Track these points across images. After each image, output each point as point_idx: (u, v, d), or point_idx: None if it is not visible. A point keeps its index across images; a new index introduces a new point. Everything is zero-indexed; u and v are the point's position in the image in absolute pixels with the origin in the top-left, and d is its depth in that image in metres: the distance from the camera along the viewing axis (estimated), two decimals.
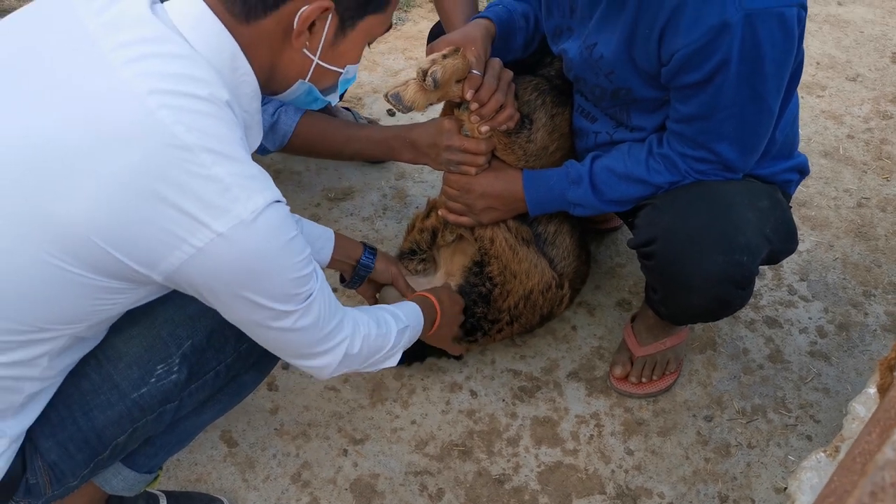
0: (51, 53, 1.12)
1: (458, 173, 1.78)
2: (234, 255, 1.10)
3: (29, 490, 1.30)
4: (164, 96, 1.06)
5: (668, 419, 1.92)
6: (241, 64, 1.18)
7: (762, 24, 1.41)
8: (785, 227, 1.67)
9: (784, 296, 2.22)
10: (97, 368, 1.30)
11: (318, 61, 1.24)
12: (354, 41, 1.26)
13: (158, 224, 1.06)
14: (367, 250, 1.78)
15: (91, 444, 1.31)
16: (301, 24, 1.17)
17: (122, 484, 1.51)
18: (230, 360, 1.40)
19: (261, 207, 1.09)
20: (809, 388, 1.99)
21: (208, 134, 1.07)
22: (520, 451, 1.85)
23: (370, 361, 1.44)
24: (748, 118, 1.52)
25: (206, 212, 1.06)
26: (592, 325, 2.13)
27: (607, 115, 1.73)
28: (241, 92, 1.20)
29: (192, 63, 1.11)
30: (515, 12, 1.85)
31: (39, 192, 1.05)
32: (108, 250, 1.07)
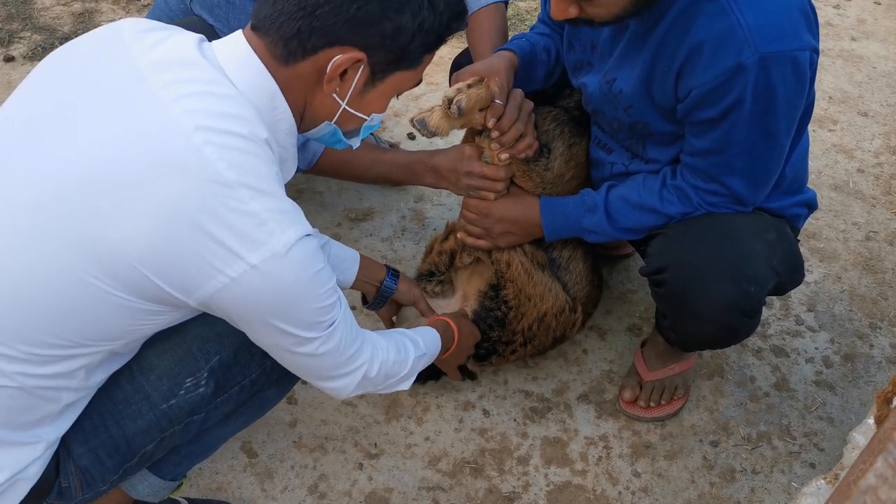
0: (103, 87, 1.20)
1: (477, 198, 1.85)
2: (266, 286, 1.18)
3: (61, 493, 1.36)
4: (208, 133, 1.14)
5: (675, 443, 1.97)
6: (280, 103, 1.27)
7: (776, 66, 1.47)
8: (792, 259, 1.73)
9: (791, 325, 2.26)
10: (130, 380, 1.37)
11: (345, 107, 1.31)
12: (382, 92, 1.33)
13: (197, 254, 1.14)
14: (391, 272, 1.84)
15: (121, 452, 1.38)
16: (333, 71, 1.24)
17: (148, 490, 1.57)
18: (255, 376, 1.46)
19: (293, 241, 1.17)
20: (814, 417, 2.04)
21: (247, 170, 1.15)
22: (530, 469, 1.90)
23: (386, 384, 1.51)
24: (759, 154, 1.59)
25: (241, 244, 1.14)
26: (603, 349, 2.19)
27: (623, 146, 1.80)
28: (278, 129, 1.28)
29: (235, 102, 1.19)
30: (538, 46, 1.92)
31: (89, 218, 1.13)
32: (149, 276, 1.15)
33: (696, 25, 1.49)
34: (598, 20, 1.51)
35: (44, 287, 1.15)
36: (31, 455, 1.28)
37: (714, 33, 1.47)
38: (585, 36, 1.76)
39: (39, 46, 3.10)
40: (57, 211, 1.14)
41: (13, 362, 1.18)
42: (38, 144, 1.18)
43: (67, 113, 1.19)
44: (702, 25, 1.48)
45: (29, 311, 1.16)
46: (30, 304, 1.16)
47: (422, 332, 1.65)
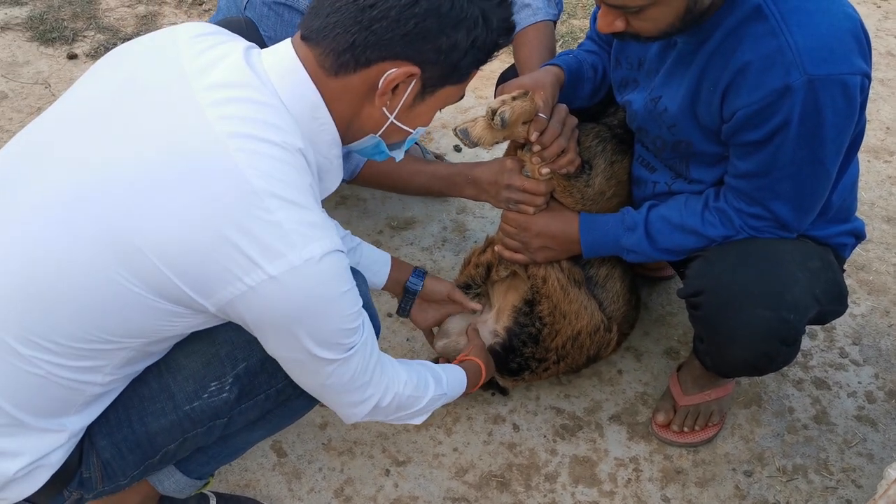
0: (147, 88, 1.23)
1: (516, 212, 1.85)
2: (283, 298, 1.17)
3: (82, 483, 1.38)
4: (241, 140, 1.15)
5: (708, 470, 1.93)
6: (322, 114, 1.27)
7: (824, 90, 1.44)
8: (835, 288, 1.69)
9: (835, 358, 2.21)
10: (157, 377, 1.39)
11: (392, 120, 1.32)
12: (430, 106, 1.34)
13: (217, 260, 1.14)
14: (416, 270, 1.86)
15: (143, 448, 1.39)
16: (386, 85, 1.25)
17: (174, 486, 1.59)
18: (281, 386, 1.46)
19: (316, 255, 1.17)
20: (853, 453, 1.98)
21: (277, 179, 1.16)
22: (557, 487, 1.88)
23: (397, 416, 1.52)
24: (805, 179, 1.56)
25: (262, 254, 1.14)
26: (639, 370, 2.16)
27: (667, 166, 1.78)
28: (319, 139, 1.29)
29: (273, 111, 1.20)
30: (585, 62, 1.92)
31: (119, 216, 1.15)
32: (171, 277, 1.16)
33: (743, 45, 1.47)
34: (645, 35, 1.50)
35: (73, 281, 1.18)
36: (54, 442, 1.30)
37: (762, 54, 1.45)
38: (633, 53, 1.76)
39: (102, 46, 3.19)
40: (90, 208, 1.16)
41: (41, 351, 1.21)
42: (80, 140, 1.22)
43: (110, 111, 1.23)
44: (749, 45, 1.47)
45: (58, 303, 1.19)
46: (59, 296, 1.18)
47: (448, 371, 1.65)
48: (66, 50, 3.19)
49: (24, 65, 3.11)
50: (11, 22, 3.31)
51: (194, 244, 1.14)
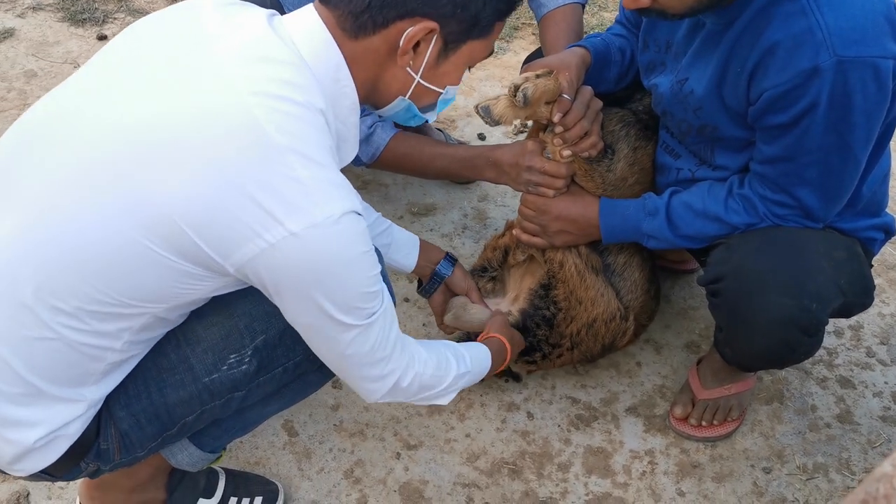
0: (172, 51, 1.22)
1: (535, 194, 1.82)
2: (304, 256, 1.15)
3: (99, 454, 1.37)
4: (262, 98, 1.13)
5: (725, 466, 1.89)
6: (344, 76, 1.26)
7: (855, 72, 1.40)
8: (861, 280, 1.64)
9: (861, 357, 2.16)
10: (176, 349, 1.38)
11: (419, 80, 1.30)
12: (456, 63, 1.31)
13: (238, 216, 1.13)
14: (448, 256, 1.83)
15: (161, 420, 1.38)
16: (406, 44, 1.23)
17: (187, 460, 1.58)
18: (299, 359, 1.45)
19: (337, 214, 1.14)
20: (877, 453, 1.93)
21: (298, 137, 1.14)
22: (569, 477, 1.85)
23: (420, 396, 1.48)
24: (833, 166, 1.51)
25: (283, 210, 1.12)
26: (658, 363, 2.12)
27: (691, 151, 1.74)
28: (339, 103, 1.27)
29: (294, 69, 1.19)
30: (612, 45, 1.88)
31: (139, 174, 1.14)
32: (190, 235, 1.14)
33: (772, 25, 1.43)
34: (671, 11, 1.46)
35: (92, 241, 1.17)
36: (72, 412, 1.29)
37: (790, 34, 1.41)
38: (661, 35, 1.72)
39: None
40: (112, 169, 1.15)
41: (59, 314, 1.20)
42: (105, 104, 1.21)
43: (135, 74, 1.22)
44: (778, 25, 1.43)
45: (78, 265, 1.18)
46: (79, 258, 1.17)
47: (471, 348, 1.61)
48: (96, 31, 3.21)
49: (55, 44, 3.14)
50: (44, 2, 3.34)
51: (214, 200, 1.12)
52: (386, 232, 1.78)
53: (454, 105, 2.90)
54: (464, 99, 2.95)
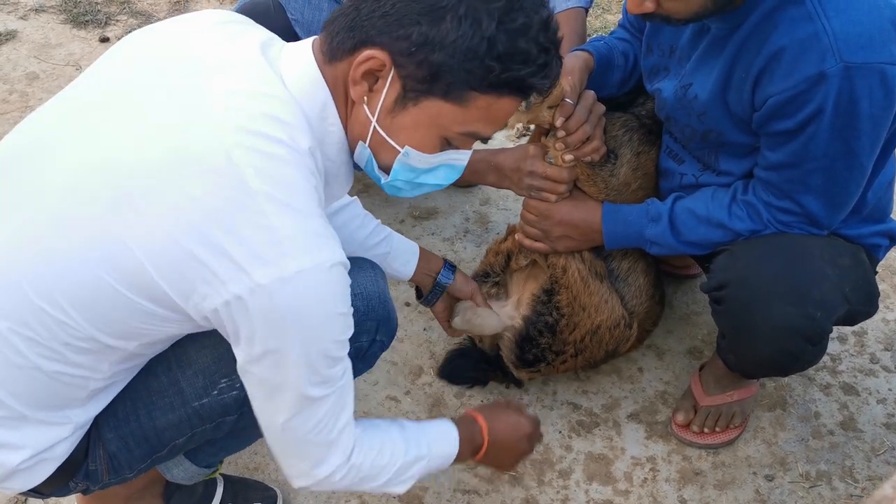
0: (162, 77, 1.17)
1: (538, 199, 1.81)
2: (268, 310, 1.08)
3: (87, 475, 1.35)
4: (245, 135, 1.08)
5: (727, 473, 1.87)
6: (331, 114, 1.19)
7: (861, 78, 1.39)
8: (866, 288, 1.63)
9: (865, 363, 2.14)
10: (167, 371, 1.34)
11: (374, 123, 1.19)
12: (416, 119, 1.17)
13: (203, 263, 1.07)
14: (447, 264, 1.81)
15: (150, 442, 1.35)
16: (355, 70, 1.14)
17: (183, 475, 1.55)
18: None
19: (308, 267, 1.07)
20: (880, 461, 1.91)
21: (277, 181, 1.08)
22: (570, 484, 1.84)
23: (360, 488, 1.35)
24: (838, 173, 1.50)
25: (250, 260, 1.06)
26: (660, 368, 2.11)
27: (695, 157, 1.73)
28: (327, 142, 1.21)
29: (283, 105, 1.13)
30: (616, 49, 1.87)
31: (110, 212, 1.09)
32: (155, 278, 1.09)
33: (778, 30, 1.42)
34: (676, 16, 1.45)
35: (62, 275, 1.12)
36: (58, 435, 1.26)
37: (796, 39, 1.40)
38: (665, 40, 1.71)
39: (134, 30, 3.19)
40: (86, 208, 1.11)
41: (35, 345, 1.16)
42: (87, 130, 1.17)
43: (121, 99, 1.17)
44: (784, 30, 1.41)
45: (49, 300, 1.13)
46: (50, 294, 1.13)
47: (428, 429, 1.44)
48: (98, 33, 3.20)
49: (57, 47, 3.13)
50: (46, 4, 3.33)
51: (181, 245, 1.07)
52: (385, 240, 1.74)
53: None
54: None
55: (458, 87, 1.13)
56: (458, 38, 1.10)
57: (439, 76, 1.12)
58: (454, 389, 2.02)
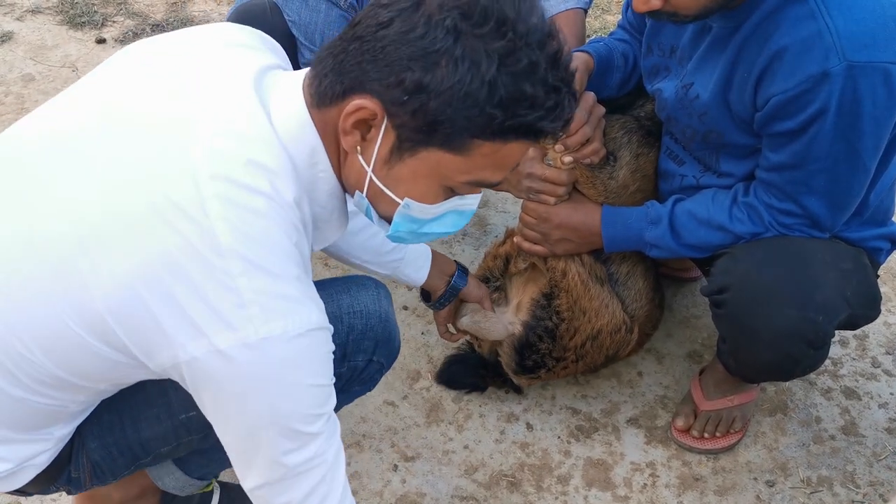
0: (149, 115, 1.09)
1: (536, 202, 1.79)
2: (228, 376, 1.02)
3: (70, 481, 1.32)
4: (223, 184, 1.00)
5: (728, 478, 1.85)
6: (321, 160, 1.11)
7: (865, 78, 1.37)
8: (868, 291, 1.61)
9: (867, 367, 2.12)
10: (156, 382, 1.27)
11: (371, 174, 1.10)
12: (415, 171, 1.08)
13: (163, 320, 1.00)
14: (460, 268, 1.78)
15: (134, 451, 1.33)
16: (344, 120, 1.05)
17: (174, 484, 1.52)
18: None
19: (276, 334, 1.00)
20: (882, 466, 1.89)
21: (251, 238, 1.00)
22: (569, 489, 1.82)
23: None
24: (841, 174, 1.48)
25: (211, 323, 0.99)
26: (660, 373, 2.09)
27: (695, 158, 1.71)
28: (317, 188, 1.13)
29: (267, 150, 1.05)
30: (615, 51, 1.86)
31: (78, 254, 1.03)
32: (116, 330, 1.03)
33: (780, 29, 1.40)
34: (683, 12, 1.42)
35: (28, 317, 1.07)
36: (40, 448, 1.23)
37: (799, 38, 1.38)
38: (665, 39, 1.69)
39: (130, 31, 3.18)
40: (56, 251, 1.05)
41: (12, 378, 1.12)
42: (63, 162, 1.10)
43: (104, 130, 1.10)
44: (787, 29, 1.40)
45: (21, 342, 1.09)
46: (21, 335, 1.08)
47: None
48: (94, 35, 3.18)
49: (53, 48, 3.11)
50: (42, 5, 3.31)
51: (141, 299, 1.00)
52: (398, 247, 1.66)
53: None
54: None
55: (458, 136, 1.03)
56: (455, 84, 0.99)
57: (437, 126, 1.02)
58: (452, 394, 2.00)
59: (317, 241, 1.22)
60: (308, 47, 1.87)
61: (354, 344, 1.40)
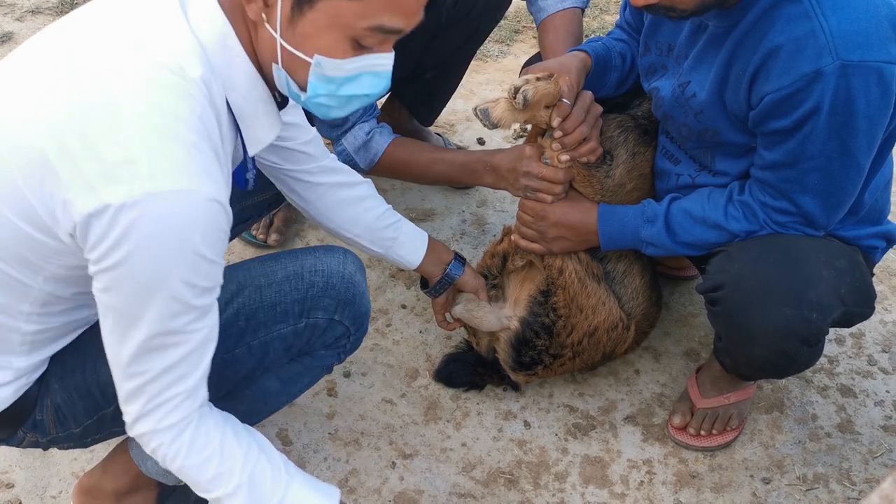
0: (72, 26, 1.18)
1: (534, 200, 1.80)
2: (113, 232, 1.04)
3: (35, 425, 1.35)
4: (129, 52, 1.08)
5: (724, 476, 1.86)
6: (232, 43, 1.16)
7: (858, 76, 1.38)
8: (862, 289, 1.62)
9: (863, 365, 2.13)
10: None
11: (279, 39, 1.14)
12: (316, 24, 1.12)
13: (60, 175, 1.05)
14: (457, 257, 1.81)
15: (94, 397, 1.35)
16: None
17: (155, 469, 1.53)
18: (238, 352, 1.41)
19: (163, 190, 1.03)
20: (878, 464, 1.90)
21: (147, 101, 1.06)
22: (566, 487, 1.83)
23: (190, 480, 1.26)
24: (834, 172, 1.49)
25: (100, 177, 1.03)
26: (657, 371, 2.10)
27: (691, 157, 1.72)
28: (234, 73, 1.18)
29: (175, 34, 1.12)
30: (613, 50, 1.86)
31: None
32: (23, 188, 1.08)
33: (775, 28, 1.41)
34: (681, 7, 1.43)
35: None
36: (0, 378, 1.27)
37: (793, 36, 1.39)
38: (663, 38, 1.70)
39: None
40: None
41: None
42: None
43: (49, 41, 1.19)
44: (781, 28, 1.41)
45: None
46: None
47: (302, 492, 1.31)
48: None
49: None
50: (42, 6, 3.32)
51: (43, 153, 1.05)
52: (393, 226, 1.72)
53: (453, 110, 2.87)
54: (463, 103, 2.93)
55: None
56: None
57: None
58: (450, 392, 2.01)
59: (250, 143, 1.26)
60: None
61: (313, 300, 1.43)
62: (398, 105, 2.48)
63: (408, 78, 2.39)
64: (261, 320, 1.41)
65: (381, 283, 2.26)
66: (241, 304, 1.41)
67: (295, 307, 1.41)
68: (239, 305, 1.41)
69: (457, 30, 2.28)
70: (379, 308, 2.20)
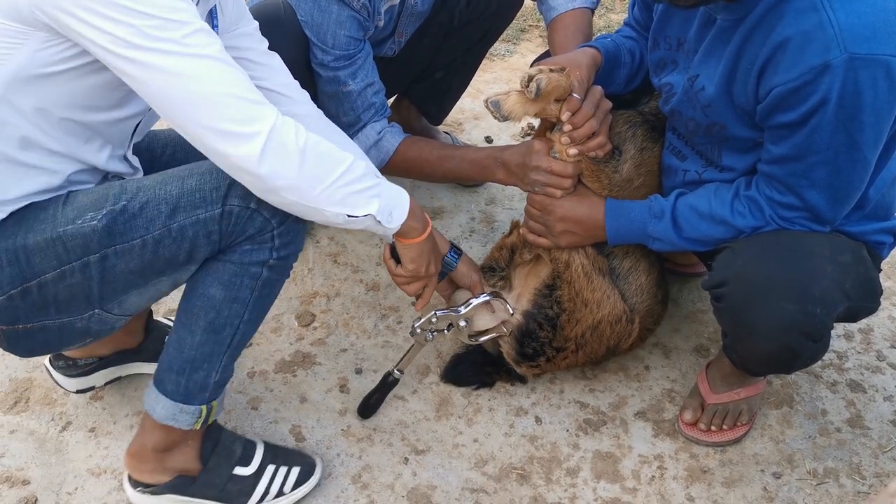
0: None
1: (542, 194, 1.81)
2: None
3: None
4: None
5: (735, 471, 1.87)
6: None
7: (866, 70, 1.38)
8: (867, 284, 1.62)
9: (872, 361, 2.14)
10: (56, 202, 1.42)
11: None
12: None
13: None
14: (454, 249, 1.81)
15: (20, 264, 1.40)
16: None
17: (164, 412, 1.58)
18: (157, 234, 1.42)
19: None
20: (888, 458, 1.91)
21: None
22: (578, 482, 1.84)
23: (316, 173, 1.36)
24: (841, 166, 1.50)
25: None
26: (667, 367, 2.11)
27: (698, 152, 1.73)
28: None
29: None
30: (623, 47, 1.88)
31: None
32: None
33: (783, 21, 1.42)
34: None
35: None
36: None
37: (801, 29, 1.40)
38: (672, 33, 1.71)
39: None
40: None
41: None
42: None
43: None
44: (789, 21, 1.41)
45: None
46: None
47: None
48: None
49: None
50: None
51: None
52: None
53: (461, 108, 2.89)
54: (471, 101, 2.94)
55: None
56: None
57: None
58: (461, 389, 2.02)
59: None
60: (319, 47, 1.90)
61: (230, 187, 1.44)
62: (407, 104, 2.50)
63: (418, 77, 2.40)
64: (181, 206, 1.44)
65: (391, 281, 2.27)
66: (167, 191, 1.44)
67: (213, 194, 1.44)
68: (165, 193, 1.44)
69: (469, 30, 2.30)
70: (389, 305, 2.22)
